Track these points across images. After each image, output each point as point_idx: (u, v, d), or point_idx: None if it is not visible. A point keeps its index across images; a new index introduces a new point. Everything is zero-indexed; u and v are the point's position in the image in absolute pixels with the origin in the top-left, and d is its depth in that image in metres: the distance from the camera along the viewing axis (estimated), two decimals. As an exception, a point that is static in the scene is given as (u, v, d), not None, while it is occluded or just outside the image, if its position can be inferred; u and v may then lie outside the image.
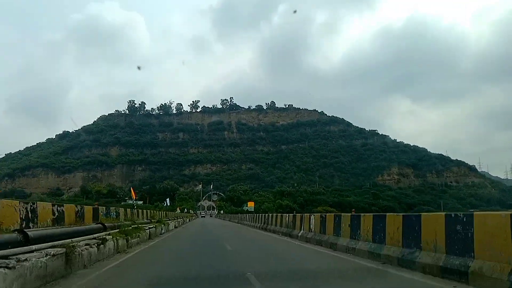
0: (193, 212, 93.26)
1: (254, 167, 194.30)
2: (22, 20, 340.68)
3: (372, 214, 10.29)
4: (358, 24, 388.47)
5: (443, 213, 7.14)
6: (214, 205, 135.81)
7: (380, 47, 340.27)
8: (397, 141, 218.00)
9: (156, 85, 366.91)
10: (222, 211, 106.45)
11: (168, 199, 50.55)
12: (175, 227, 24.84)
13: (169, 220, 25.13)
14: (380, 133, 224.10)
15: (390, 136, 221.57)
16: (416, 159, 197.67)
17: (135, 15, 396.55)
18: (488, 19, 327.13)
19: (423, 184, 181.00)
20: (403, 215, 8.45)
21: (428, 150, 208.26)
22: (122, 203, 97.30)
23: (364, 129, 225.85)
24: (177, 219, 32.49)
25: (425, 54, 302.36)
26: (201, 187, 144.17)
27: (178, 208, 58.55)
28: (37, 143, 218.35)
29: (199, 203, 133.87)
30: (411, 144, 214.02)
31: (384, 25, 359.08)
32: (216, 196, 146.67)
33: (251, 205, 32.96)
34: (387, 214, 9.25)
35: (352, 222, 10.69)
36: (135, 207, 14.82)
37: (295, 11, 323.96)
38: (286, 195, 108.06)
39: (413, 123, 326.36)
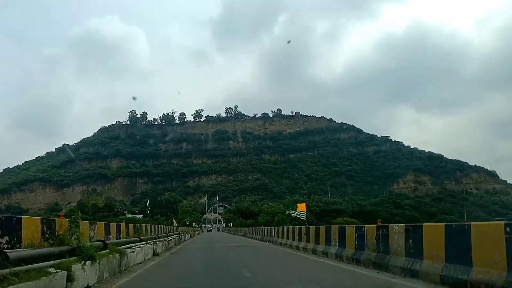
0: (197, 226, 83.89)
1: (261, 177, 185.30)
2: (22, 34, 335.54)
3: None
4: (359, 33, 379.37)
5: None
6: (220, 217, 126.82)
7: (382, 55, 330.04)
8: (411, 147, 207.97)
9: (157, 97, 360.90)
10: (231, 224, 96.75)
11: (147, 201, 40.33)
12: (153, 255, 13.58)
13: (139, 243, 13.12)
14: (393, 140, 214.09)
15: (403, 143, 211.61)
16: (432, 166, 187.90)
17: (135, 28, 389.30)
18: (491, 25, 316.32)
19: (441, 192, 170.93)
20: None
21: (445, 156, 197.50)
22: (119, 217, 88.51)
23: (376, 135, 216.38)
24: (167, 237, 21.65)
25: (427, 61, 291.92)
26: (206, 199, 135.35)
27: (174, 220, 48.74)
28: (36, 157, 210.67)
29: (204, 216, 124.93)
30: (426, 151, 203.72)
31: (386, 33, 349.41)
32: (222, 208, 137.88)
33: (302, 208, 20.34)
34: None
35: None
36: None
37: (289, 42, 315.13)
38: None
39: (417, 131, 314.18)
